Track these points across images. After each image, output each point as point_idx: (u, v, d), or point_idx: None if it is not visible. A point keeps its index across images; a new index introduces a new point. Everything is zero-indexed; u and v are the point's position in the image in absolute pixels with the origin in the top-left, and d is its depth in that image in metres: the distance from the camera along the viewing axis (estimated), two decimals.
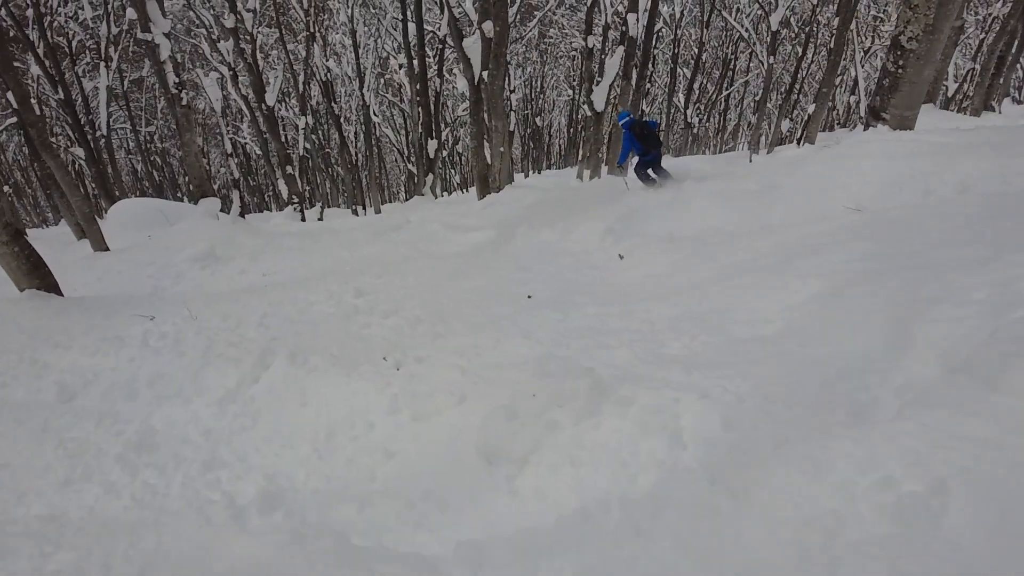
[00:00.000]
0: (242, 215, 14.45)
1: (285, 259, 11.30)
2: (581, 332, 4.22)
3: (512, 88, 23.23)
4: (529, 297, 5.56)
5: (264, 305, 7.21)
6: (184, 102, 12.89)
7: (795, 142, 16.85)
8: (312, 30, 19.84)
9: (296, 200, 19.25)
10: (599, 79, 17.05)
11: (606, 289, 5.26)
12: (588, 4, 16.46)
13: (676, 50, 23.40)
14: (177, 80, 12.76)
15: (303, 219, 19.18)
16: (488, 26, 14.47)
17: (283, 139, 26.35)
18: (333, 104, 22.66)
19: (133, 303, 8.42)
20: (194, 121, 13.39)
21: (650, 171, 9.38)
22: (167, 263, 11.71)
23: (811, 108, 15.98)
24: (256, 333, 6.07)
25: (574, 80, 29.40)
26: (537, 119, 30.61)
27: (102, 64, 19.91)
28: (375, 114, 25.04)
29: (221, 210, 15.16)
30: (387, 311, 5.82)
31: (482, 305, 5.44)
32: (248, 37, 20.29)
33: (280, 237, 13.05)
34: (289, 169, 19.14)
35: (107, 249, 13.48)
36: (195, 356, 5.73)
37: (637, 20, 14.27)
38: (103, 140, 21.26)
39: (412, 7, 18.32)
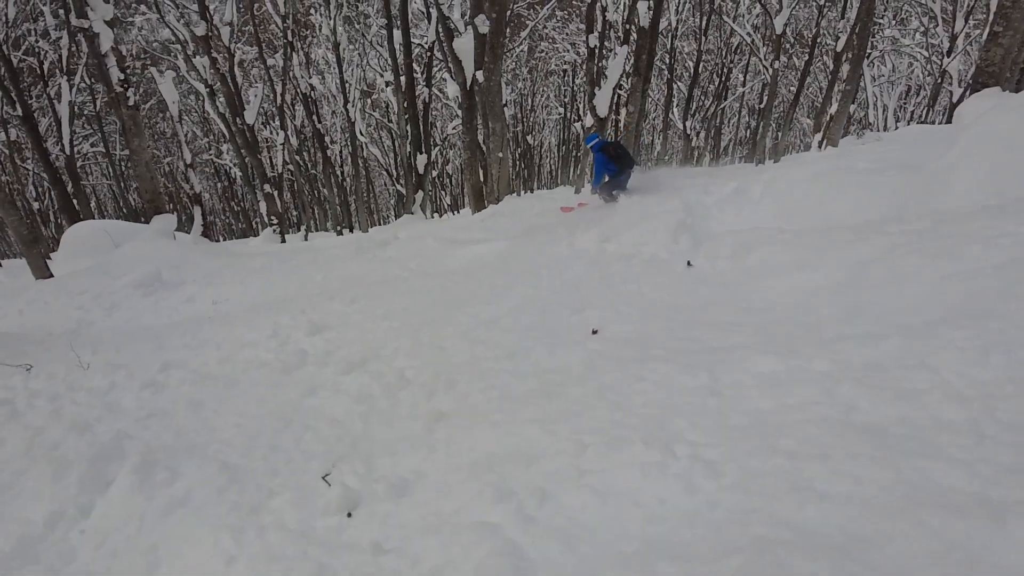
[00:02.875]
0: (205, 235, 11.78)
1: (245, 283, 8.73)
2: (805, 432, 1.64)
3: (504, 102, 20.84)
4: (594, 332, 2.97)
5: (179, 347, 4.59)
6: (131, 102, 10.27)
7: (817, 145, 14.49)
8: (290, 39, 17.32)
9: (275, 221, 16.58)
10: (596, 90, 14.72)
11: (747, 316, 2.70)
12: (589, 1, 14.11)
13: (672, 61, 21.17)
14: (122, 77, 10.14)
15: (283, 240, 16.55)
16: (481, 20, 12.06)
17: (269, 161, 23.78)
18: (314, 120, 20.07)
19: (47, 342, 6.05)
20: (143, 125, 10.75)
21: (615, 191, 8.15)
22: (103, 291, 9.09)
23: (833, 108, 13.67)
24: (134, 402, 3.41)
25: (565, 98, 27.17)
26: (528, 137, 28.19)
27: (64, 79, 17.23)
28: (362, 133, 22.50)
29: (181, 229, 12.51)
30: (350, 361, 3.21)
31: (517, 350, 2.85)
32: (226, 52, 17.92)
33: (245, 258, 10.41)
34: (267, 188, 16.49)
35: (50, 276, 11.03)
36: (16, 449, 3.06)
37: (649, 8, 11.91)
38: (67, 160, 18.47)
39: (397, 11, 15.91)
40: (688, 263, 4.01)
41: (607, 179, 8.16)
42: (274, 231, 16.60)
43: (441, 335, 3.38)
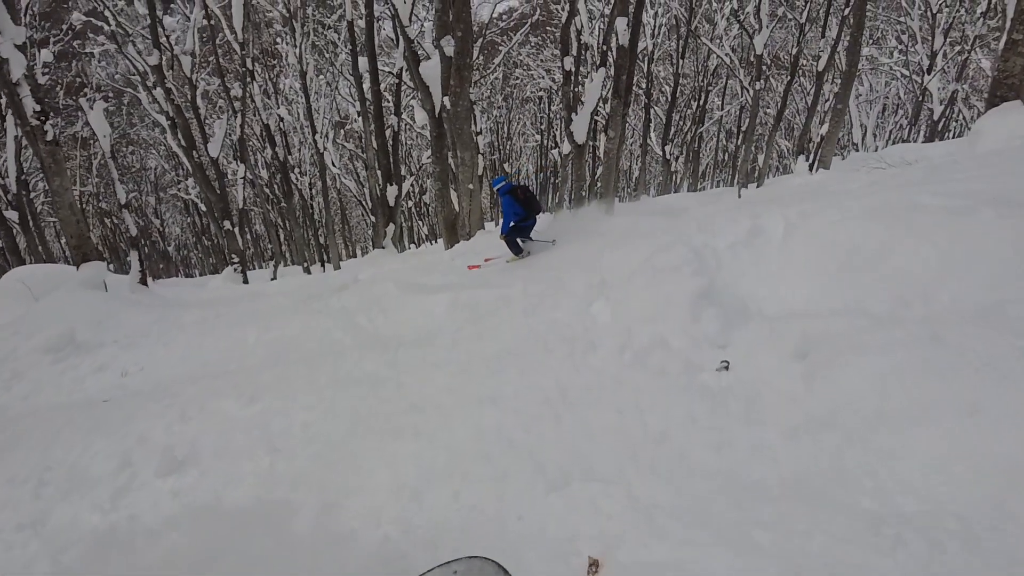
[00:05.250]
0: (143, 282, 10.21)
1: (168, 347, 7.19)
2: None
3: (479, 130, 19.55)
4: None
5: (2, 482, 3.10)
6: (50, 137, 8.75)
7: (808, 168, 13.31)
8: (250, 67, 15.93)
9: (236, 260, 15.00)
10: (573, 115, 13.51)
11: (915, 567, 1.23)
12: (563, 21, 12.93)
13: (648, 86, 20.12)
14: (38, 108, 8.64)
15: (246, 280, 14.97)
16: (447, 41, 10.76)
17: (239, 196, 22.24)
18: (279, 150, 18.62)
19: None
20: (64, 162, 9.22)
21: (519, 239, 7.83)
22: (9, 356, 7.44)
23: (824, 129, 12.54)
24: None
25: (541, 125, 26.05)
26: (505, 166, 26.96)
27: (9, 112, 15.66)
28: (333, 165, 21.05)
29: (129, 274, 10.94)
30: None
31: None
32: (187, 83, 16.55)
33: (181, 310, 8.84)
34: (227, 225, 14.95)
35: None
36: None
37: (627, 25, 10.69)
38: (15, 198, 16.82)
39: (363, 37, 14.65)
40: (725, 365, 2.58)
41: (512, 224, 7.56)
42: (235, 270, 15.01)
43: (331, 515, 1.93)
